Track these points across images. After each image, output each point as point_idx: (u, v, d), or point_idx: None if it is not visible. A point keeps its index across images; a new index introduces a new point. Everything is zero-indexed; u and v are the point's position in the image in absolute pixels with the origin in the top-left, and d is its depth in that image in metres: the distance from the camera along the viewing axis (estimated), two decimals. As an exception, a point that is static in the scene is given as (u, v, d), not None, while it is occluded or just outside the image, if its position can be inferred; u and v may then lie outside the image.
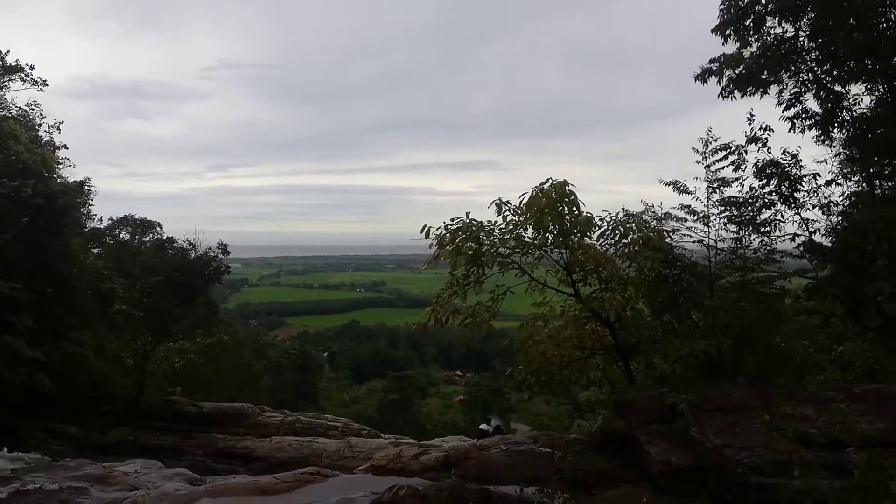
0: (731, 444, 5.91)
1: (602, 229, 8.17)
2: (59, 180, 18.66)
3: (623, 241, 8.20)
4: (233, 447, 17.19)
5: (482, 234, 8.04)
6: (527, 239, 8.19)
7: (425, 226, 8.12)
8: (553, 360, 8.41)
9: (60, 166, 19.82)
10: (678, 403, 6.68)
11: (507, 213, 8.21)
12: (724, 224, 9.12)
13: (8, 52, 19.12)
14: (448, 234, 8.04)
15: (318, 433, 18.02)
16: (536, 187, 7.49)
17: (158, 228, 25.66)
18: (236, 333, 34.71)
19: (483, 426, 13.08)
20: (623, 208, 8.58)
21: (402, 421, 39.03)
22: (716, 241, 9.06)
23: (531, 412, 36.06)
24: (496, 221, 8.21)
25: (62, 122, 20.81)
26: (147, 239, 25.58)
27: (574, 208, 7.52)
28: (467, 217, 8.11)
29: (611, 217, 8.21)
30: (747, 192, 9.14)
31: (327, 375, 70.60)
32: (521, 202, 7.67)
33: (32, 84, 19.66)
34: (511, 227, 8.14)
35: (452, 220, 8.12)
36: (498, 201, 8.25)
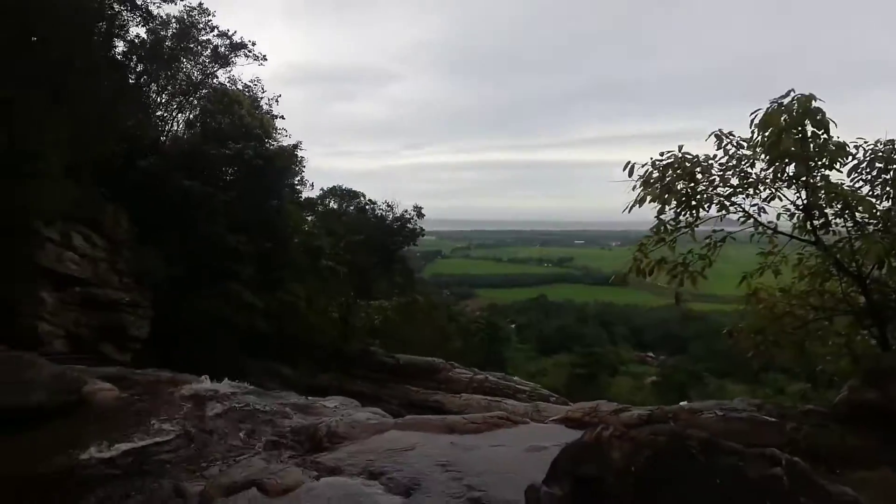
0: None
1: (855, 161, 6.61)
2: (276, 144, 20.47)
3: (883, 176, 6.58)
4: (424, 400, 17.80)
5: (698, 170, 6.95)
6: (753, 176, 6.92)
7: (629, 162, 7.22)
8: (784, 317, 7.12)
9: (278, 134, 21.74)
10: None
11: (729, 146, 7.02)
12: None
13: (234, 31, 21.23)
14: (656, 172, 7.06)
15: (505, 394, 17.94)
16: (775, 100, 6.19)
17: (361, 198, 27.47)
18: (431, 296, 36.22)
19: (683, 404, 11.91)
20: (881, 138, 6.87)
21: (590, 396, 37.85)
22: None
23: (731, 398, 32.92)
24: (715, 155, 7.05)
25: (279, 96, 22.87)
26: (351, 207, 27.55)
27: (822, 130, 6.12)
28: (680, 151, 7.06)
29: (868, 146, 6.60)
30: None
31: (514, 347, 71.20)
32: (752, 122, 6.39)
33: (254, 59, 21.71)
34: (734, 161, 6.94)
35: (661, 154, 7.12)
36: (718, 132, 7.08)
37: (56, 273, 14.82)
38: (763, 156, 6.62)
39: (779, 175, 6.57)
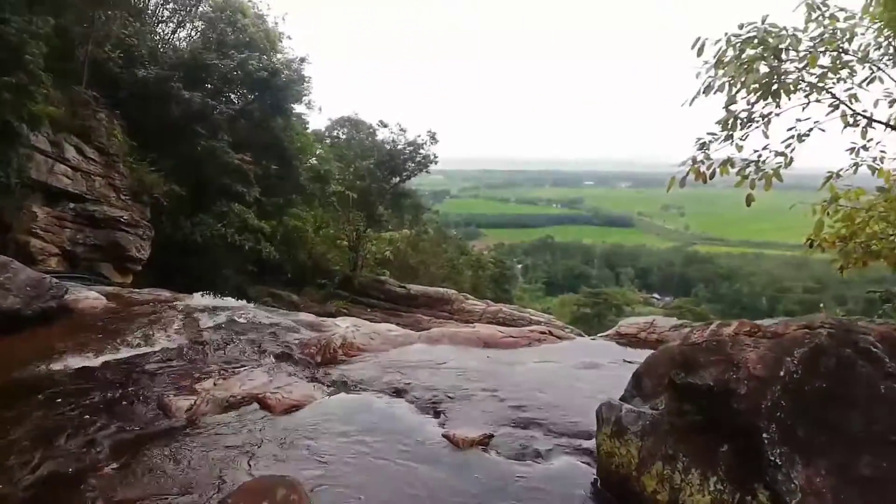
0: None
1: None
2: (282, 58, 19.06)
3: None
4: (437, 329, 17.09)
5: (784, 45, 5.75)
6: (851, 53, 5.73)
7: (699, 38, 6.02)
8: (880, 221, 6.06)
9: (284, 48, 20.27)
10: None
11: (822, 17, 5.80)
12: None
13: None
14: (731, 50, 5.87)
15: (520, 325, 17.19)
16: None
17: (371, 128, 26.18)
18: (440, 227, 35.39)
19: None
20: None
21: (596, 334, 37.41)
22: None
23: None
24: (805, 29, 5.85)
25: (286, 14, 21.30)
26: (362, 134, 26.31)
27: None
28: (763, 22, 5.84)
29: None
30: None
31: (521, 286, 70.88)
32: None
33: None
34: (828, 35, 5.74)
35: (740, 26, 5.91)
36: (809, 2, 5.86)
37: (48, 186, 13.86)
38: (868, 25, 5.44)
39: (889, 47, 5.39)
